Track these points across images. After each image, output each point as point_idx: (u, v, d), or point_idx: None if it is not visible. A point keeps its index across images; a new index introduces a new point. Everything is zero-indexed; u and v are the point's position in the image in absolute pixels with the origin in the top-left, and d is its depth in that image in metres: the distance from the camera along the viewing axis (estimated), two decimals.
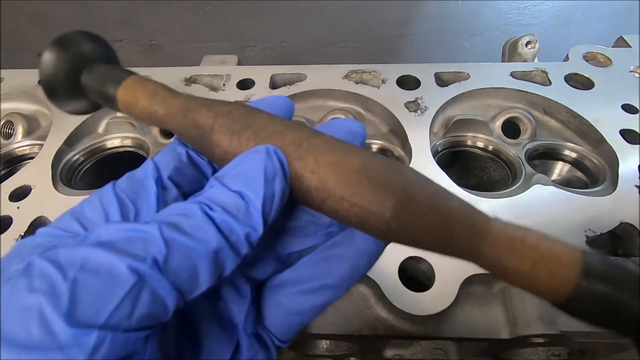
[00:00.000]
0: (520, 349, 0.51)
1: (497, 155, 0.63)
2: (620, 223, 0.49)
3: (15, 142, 0.69)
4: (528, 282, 0.23)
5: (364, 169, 0.24)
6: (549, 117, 0.66)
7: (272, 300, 0.30)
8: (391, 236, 0.24)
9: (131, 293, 0.19)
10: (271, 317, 0.30)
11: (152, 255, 0.20)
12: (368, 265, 0.29)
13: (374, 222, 0.23)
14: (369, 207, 0.23)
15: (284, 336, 0.31)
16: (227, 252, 0.22)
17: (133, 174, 0.28)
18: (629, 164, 0.55)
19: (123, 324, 0.18)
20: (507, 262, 0.23)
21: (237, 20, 1.43)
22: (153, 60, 1.54)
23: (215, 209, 0.22)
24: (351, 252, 0.28)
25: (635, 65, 0.68)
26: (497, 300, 0.46)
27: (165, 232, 0.21)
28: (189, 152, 0.30)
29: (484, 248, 0.23)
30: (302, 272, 0.30)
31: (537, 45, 0.76)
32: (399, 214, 0.23)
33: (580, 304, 0.22)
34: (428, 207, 0.23)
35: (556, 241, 0.23)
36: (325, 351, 0.57)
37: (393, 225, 0.23)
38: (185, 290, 0.21)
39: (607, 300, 0.22)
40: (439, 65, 0.70)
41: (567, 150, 0.63)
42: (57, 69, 0.35)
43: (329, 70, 0.70)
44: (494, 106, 0.67)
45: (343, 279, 0.29)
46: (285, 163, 0.25)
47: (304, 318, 0.30)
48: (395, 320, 0.45)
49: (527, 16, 1.39)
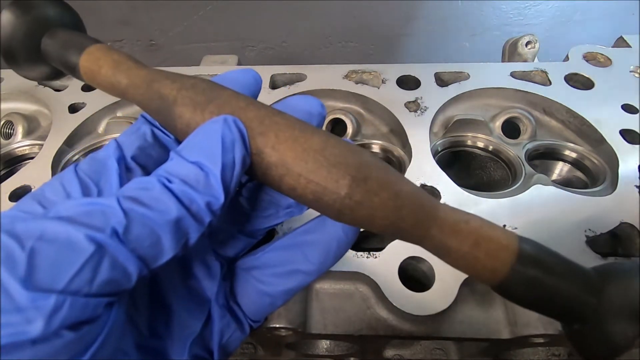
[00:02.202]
0: (520, 349, 0.51)
1: (497, 155, 0.63)
2: (620, 223, 0.49)
3: (15, 142, 0.69)
4: (468, 263, 0.24)
5: (323, 147, 0.25)
6: (549, 117, 0.66)
7: (245, 281, 0.31)
8: (345, 214, 0.25)
9: (91, 261, 0.19)
10: (243, 296, 0.31)
11: (112, 226, 0.20)
12: (338, 253, 0.30)
13: (329, 199, 0.24)
14: (325, 184, 0.24)
15: (255, 316, 0.31)
16: (189, 221, 0.23)
17: (95, 154, 0.28)
18: (629, 164, 0.55)
19: (83, 290, 0.19)
20: (451, 243, 0.24)
21: (237, 20, 1.43)
22: (153, 60, 1.54)
23: (174, 180, 0.23)
24: (323, 239, 0.29)
25: (635, 65, 0.68)
26: (497, 300, 0.46)
27: (124, 203, 0.21)
28: (154, 130, 0.30)
29: (431, 230, 0.24)
30: (275, 255, 0.31)
31: (537, 45, 0.76)
32: (353, 192, 0.24)
33: (513, 286, 0.24)
34: (381, 187, 0.24)
35: (496, 227, 0.24)
36: (325, 351, 0.57)
37: (347, 202, 0.24)
38: (149, 259, 0.22)
39: (538, 284, 0.23)
40: (439, 65, 0.70)
41: (567, 150, 0.63)
42: (15, 31, 0.34)
43: (329, 70, 0.70)
44: (494, 106, 0.67)
45: (314, 265, 0.29)
46: (244, 131, 0.25)
47: (276, 300, 0.31)
48: (395, 320, 0.45)
49: (527, 16, 1.39)
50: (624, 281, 0.23)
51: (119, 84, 0.30)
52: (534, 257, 0.23)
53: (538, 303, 0.24)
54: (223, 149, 0.24)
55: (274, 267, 0.30)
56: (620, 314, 0.22)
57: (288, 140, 0.25)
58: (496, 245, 0.23)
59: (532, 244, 0.24)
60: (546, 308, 0.24)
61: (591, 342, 0.23)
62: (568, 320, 0.24)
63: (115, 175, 0.26)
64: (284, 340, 0.53)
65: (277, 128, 0.25)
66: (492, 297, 0.46)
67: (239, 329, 0.31)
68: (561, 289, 0.23)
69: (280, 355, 0.58)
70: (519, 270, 0.23)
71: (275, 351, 0.57)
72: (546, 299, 0.23)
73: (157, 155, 0.30)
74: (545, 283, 0.23)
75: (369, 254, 0.47)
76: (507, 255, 0.23)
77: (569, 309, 0.23)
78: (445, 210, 0.25)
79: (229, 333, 0.30)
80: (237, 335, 0.31)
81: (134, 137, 0.29)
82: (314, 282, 0.48)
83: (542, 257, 0.24)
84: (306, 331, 0.45)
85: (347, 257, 0.47)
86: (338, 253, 0.30)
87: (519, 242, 0.24)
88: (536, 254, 0.23)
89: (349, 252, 0.47)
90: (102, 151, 0.28)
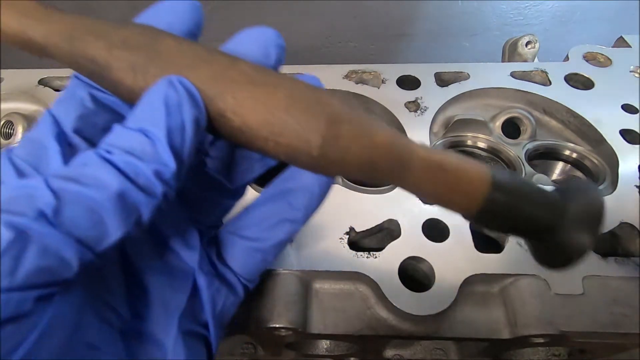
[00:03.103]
0: (520, 349, 0.51)
1: (497, 155, 0.63)
2: (620, 223, 0.49)
3: (15, 142, 0.69)
4: (445, 200, 0.26)
5: (288, 104, 0.23)
6: (549, 117, 0.66)
7: (233, 242, 0.30)
8: (320, 170, 0.25)
9: (10, 249, 0.17)
10: (233, 258, 0.30)
11: (38, 208, 0.18)
12: (322, 194, 0.29)
13: (302, 159, 0.24)
14: (296, 144, 0.23)
15: (249, 274, 0.30)
16: (136, 195, 0.20)
17: (30, 135, 0.24)
18: (629, 164, 0.55)
19: (3, 282, 0.17)
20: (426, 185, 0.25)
21: (237, 20, 1.43)
22: None
23: (114, 151, 0.20)
24: (305, 184, 0.28)
25: (635, 65, 0.68)
26: (497, 300, 0.46)
27: (53, 183, 0.19)
28: (94, 93, 0.26)
29: (406, 174, 0.25)
30: (259, 212, 0.29)
31: (537, 45, 0.76)
32: (325, 152, 0.23)
33: (489, 215, 0.25)
34: (354, 141, 0.24)
35: (469, 160, 0.26)
36: (325, 351, 0.57)
37: (322, 163, 0.24)
38: (92, 241, 0.19)
39: (511, 210, 0.25)
40: (439, 65, 0.70)
41: (567, 150, 0.63)
42: None
43: (329, 70, 0.70)
44: (494, 106, 0.67)
45: (301, 211, 0.28)
46: (193, 89, 0.22)
47: (267, 255, 0.30)
48: (395, 320, 0.45)
49: (527, 16, 1.38)
50: (583, 197, 0.26)
51: (33, 41, 0.25)
52: (505, 186, 0.25)
53: (511, 227, 0.27)
54: (168, 111, 0.21)
55: (259, 224, 0.29)
56: (579, 227, 0.25)
57: (248, 101, 0.23)
58: (471, 179, 0.25)
59: (503, 173, 0.26)
60: (518, 230, 0.27)
61: (552, 253, 0.26)
62: (536, 238, 0.27)
63: (57, 156, 0.23)
64: (284, 340, 0.53)
65: (233, 88, 0.23)
66: (492, 297, 0.46)
67: (232, 293, 0.29)
68: (533, 212, 0.25)
69: (280, 355, 0.58)
70: (493, 199, 0.25)
71: (275, 351, 0.57)
72: (519, 223, 0.26)
73: (104, 122, 0.26)
74: (518, 208, 0.25)
75: (369, 254, 0.47)
76: (482, 187, 0.25)
77: (538, 228, 0.26)
78: (419, 153, 0.25)
79: (221, 300, 0.29)
80: (231, 300, 0.29)
81: (70, 105, 0.25)
82: (314, 282, 0.48)
83: (513, 185, 0.26)
84: (306, 331, 0.45)
85: (347, 257, 0.47)
86: (322, 194, 0.29)
87: (492, 173, 0.25)
88: (507, 183, 0.25)
89: (349, 252, 0.47)
90: (36, 129, 0.24)
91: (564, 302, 0.43)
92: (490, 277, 0.45)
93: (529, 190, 0.26)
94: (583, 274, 0.44)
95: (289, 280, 0.46)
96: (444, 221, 0.49)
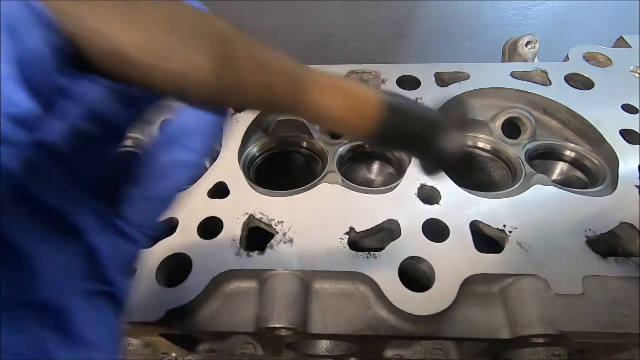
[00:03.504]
0: (520, 348, 0.51)
1: (497, 155, 0.63)
2: (620, 223, 0.49)
3: None
4: (343, 125, 0.27)
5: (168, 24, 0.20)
6: (549, 117, 0.66)
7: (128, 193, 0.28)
8: (215, 100, 0.23)
9: None
10: (130, 209, 0.28)
11: None
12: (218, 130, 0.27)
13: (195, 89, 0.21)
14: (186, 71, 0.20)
15: (148, 223, 0.28)
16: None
17: None
18: (629, 164, 0.55)
19: None
20: (323, 110, 0.26)
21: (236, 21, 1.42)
22: None
23: None
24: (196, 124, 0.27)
25: (635, 65, 0.68)
26: (497, 300, 0.46)
27: None
28: None
29: (304, 100, 0.25)
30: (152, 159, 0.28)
31: (537, 45, 0.76)
32: (220, 77, 0.21)
33: (387, 134, 0.27)
34: (250, 62, 0.22)
35: (361, 85, 0.27)
36: (325, 351, 0.57)
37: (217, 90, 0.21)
38: None
39: (405, 126, 0.28)
40: (439, 65, 0.70)
41: (567, 150, 0.63)
42: None
43: (329, 70, 0.70)
44: (494, 106, 0.67)
45: (196, 152, 0.27)
46: (39, 5, 0.18)
47: (165, 202, 0.28)
48: (395, 320, 0.45)
49: (527, 16, 1.38)
50: (456, 108, 0.32)
51: None
52: (398, 107, 0.27)
53: (404, 144, 0.30)
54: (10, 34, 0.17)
55: (154, 172, 0.27)
56: (451, 128, 0.29)
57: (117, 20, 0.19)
58: (368, 101, 0.27)
59: (394, 95, 0.28)
60: (410, 146, 0.30)
61: (433, 160, 0.31)
62: (423, 149, 0.30)
63: None
64: (284, 340, 0.53)
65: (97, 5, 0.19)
66: (492, 297, 0.46)
67: (132, 244, 0.28)
68: (420, 128, 0.29)
69: (280, 355, 0.58)
70: (389, 120, 0.27)
71: (275, 351, 0.57)
72: (410, 140, 0.29)
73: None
74: (409, 126, 0.28)
75: (369, 254, 0.47)
76: (378, 109, 0.27)
77: (426, 141, 0.29)
78: (318, 78, 0.25)
79: (120, 254, 0.27)
80: (131, 250, 0.28)
81: None
82: (314, 282, 0.48)
83: (404, 105, 0.28)
84: (306, 331, 0.45)
85: (347, 257, 0.47)
86: (218, 130, 0.27)
87: (386, 95, 0.27)
88: (399, 103, 0.28)
89: (349, 252, 0.47)
90: None
91: (564, 302, 0.43)
92: (490, 277, 0.45)
93: (416, 109, 0.29)
94: (583, 274, 0.45)
95: (289, 280, 0.46)
96: (444, 221, 0.49)
